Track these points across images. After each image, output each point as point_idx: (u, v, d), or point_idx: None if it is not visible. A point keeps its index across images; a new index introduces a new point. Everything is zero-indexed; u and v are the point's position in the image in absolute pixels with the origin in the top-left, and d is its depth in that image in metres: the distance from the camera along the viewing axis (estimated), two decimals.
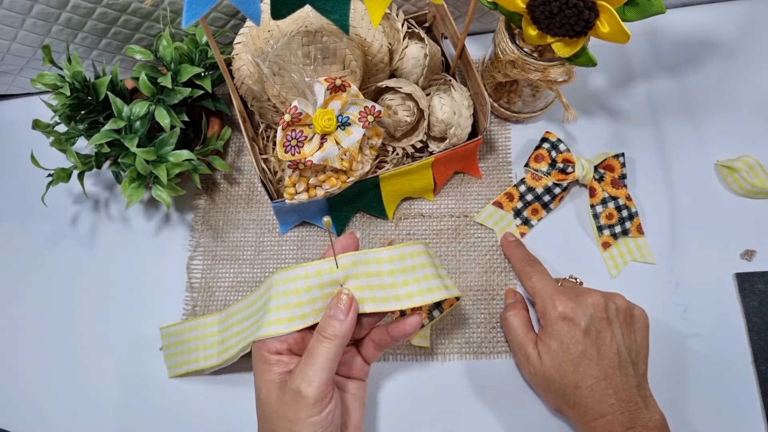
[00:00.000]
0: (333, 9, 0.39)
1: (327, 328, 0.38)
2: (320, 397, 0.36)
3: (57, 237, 0.60)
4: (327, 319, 0.38)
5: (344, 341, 0.38)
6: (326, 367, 0.37)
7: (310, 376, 0.36)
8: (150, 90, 0.51)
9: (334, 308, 0.38)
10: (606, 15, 0.43)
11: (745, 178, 0.56)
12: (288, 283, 0.40)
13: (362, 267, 0.41)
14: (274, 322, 0.39)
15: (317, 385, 0.36)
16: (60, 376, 0.55)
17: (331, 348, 0.37)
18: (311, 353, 0.37)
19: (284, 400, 0.37)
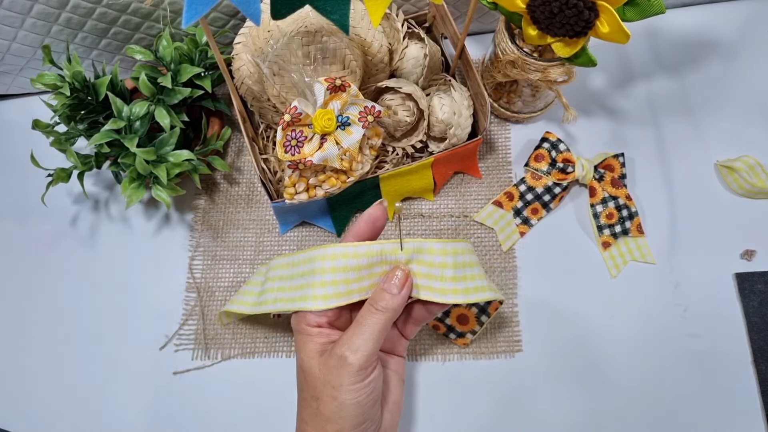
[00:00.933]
0: (333, 9, 0.39)
1: (379, 301, 0.39)
2: (365, 365, 0.37)
3: (57, 237, 0.60)
4: (380, 292, 0.39)
5: (394, 315, 0.39)
6: (373, 338, 0.37)
7: (357, 344, 0.37)
8: (150, 90, 0.51)
9: (388, 282, 0.39)
10: (606, 15, 0.43)
11: (745, 178, 0.56)
12: (337, 259, 0.40)
13: (425, 255, 0.41)
14: (320, 297, 0.40)
15: (363, 353, 0.37)
16: (60, 376, 0.55)
17: (381, 319, 0.38)
18: (360, 323, 0.38)
19: (328, 366, 0.37)
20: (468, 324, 0.53)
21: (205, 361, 0.55)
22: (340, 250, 0.40)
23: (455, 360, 0.54)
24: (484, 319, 0.53)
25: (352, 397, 0.37)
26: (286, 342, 0.55)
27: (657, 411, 0.51)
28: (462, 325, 0.53)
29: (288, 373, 0.54)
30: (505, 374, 0.53)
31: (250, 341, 0.55)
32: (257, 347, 0.55)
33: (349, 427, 0.37)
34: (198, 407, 0.53)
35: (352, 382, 0.37)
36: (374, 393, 0.38)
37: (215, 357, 0.55)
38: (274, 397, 0.53)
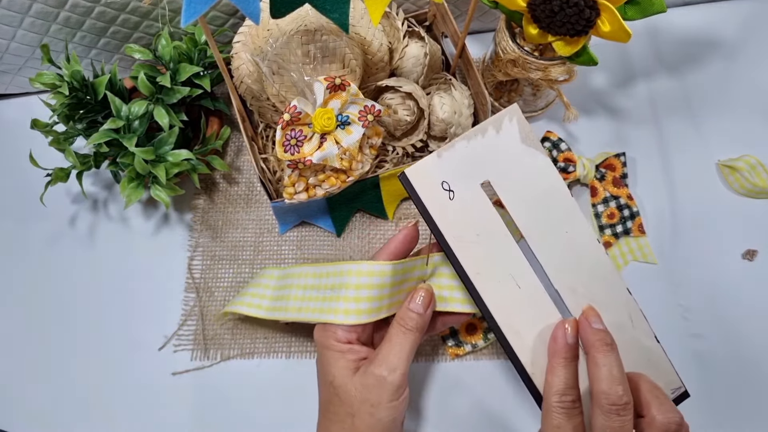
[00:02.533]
0: (332, 8, 0.38)
1: (408, 321, 0.40)
2: (402, 384, 0.38)
3: (55, 237, 0.59)
4: (407, 312, 0.40)
5: (423, 333, 0.40)
6: (407, 357, 0.39)
7: (395, 363, 0.38)
8: (149, 89, 0.51)
9: (414, 302, 0.40)
10: (607, 14, 0.43)
11: (747, 178, 0.56)
12: (374, 276, 0.41)
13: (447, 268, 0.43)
14: (354, 312, 0.41)
15: (399, 372, 0.38)
16: (59, 377, 0.55)
17: (411, 339, 0.39)
18: (394, 343, 0.39)
19: (366, 384, 0.39)
20: (474, 335, 0.53)
21: (204, 362, 0.54)
22: (378, 268, 0.41)
23: (455, 360, 0.53)
24: (492, 336, 0.52)
25: (389, 414, 0.38)
26: (286, 343, 0.55)
27: None
28: (467, 335, 0.53)
29: (287, 373, 0.54)
30: (506, 374, 0.53)
31: (250, 342, 0.55)
32: (257, 348, 0.55)
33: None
34: (197, 408, 0.53)
35: (390, 399, 0.38)
36: (404, 410, 0.40)
37: (214, 357, 0.54)
38: (274, 397, 0.53)
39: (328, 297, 0.43)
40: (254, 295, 0.51)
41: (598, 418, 0.34)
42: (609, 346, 0.36)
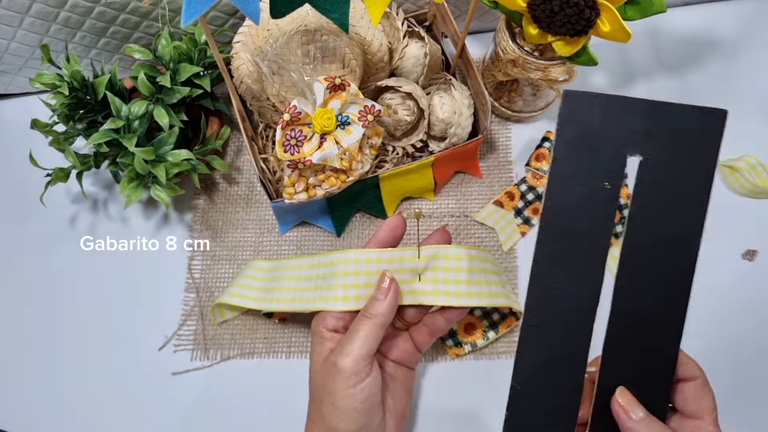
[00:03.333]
0: (332, 8, 0.38)
1: (368, 307, 0.40)
2: (355, 370, 0.37)
3: (55, 237, 0.59)
4: (370, 299, 0.40)
5: (383, 320, 0.39)
6: (363, 343, 0.38)
7: (348, 349, 0.38)
8: (149, 89, 0.51)
9: (377, 290, 0.40)
10: (607, 14, 0.43)
11: (747, 178, 0.56)
12: (359, 263, 0.42)
13: (441, 261, 0.42)
14: (341, 299, 0.41)
15: (352, 358, 0.37)
16: (59, 377, 0.55)
17: (369, 325, 0.38)
18: (352, 329, 0.39)
19: (324, 371, 0.39)
20: (473, 335, 0.53)
21: (204, 362, 0.54)
22: (362, 255, 0.42)
23: (455, 360, 0.53)
24: (491, 335, 0.53)
25: (346, 403, 0.37)
26: (286, 342, 0.55)
27: None
28: (466, 335, 0.53)
29: (287, 373, 0.54)
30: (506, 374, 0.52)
31: (250, 342, 0.55)
32: (256, 348, 0.55)
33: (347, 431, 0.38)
34: (197, 408, 0.53)
35: (343, 387, 0.37)
36: (369, 400, 0.38)
37: (214, 357, 0.54)
38: (274, 397, 0.53)
39: (319, 286, 0.43)
40: (242, 286, 0.51)
41: None
42: None
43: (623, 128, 0.31)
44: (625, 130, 0.31)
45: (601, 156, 0.32)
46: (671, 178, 0.32)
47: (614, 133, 0.31)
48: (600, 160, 0.32)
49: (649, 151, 0.32)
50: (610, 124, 0.31)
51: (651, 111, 0.31)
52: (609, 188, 0.32)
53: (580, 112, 0.31)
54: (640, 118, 0.31)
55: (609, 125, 0.31)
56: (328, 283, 0.42)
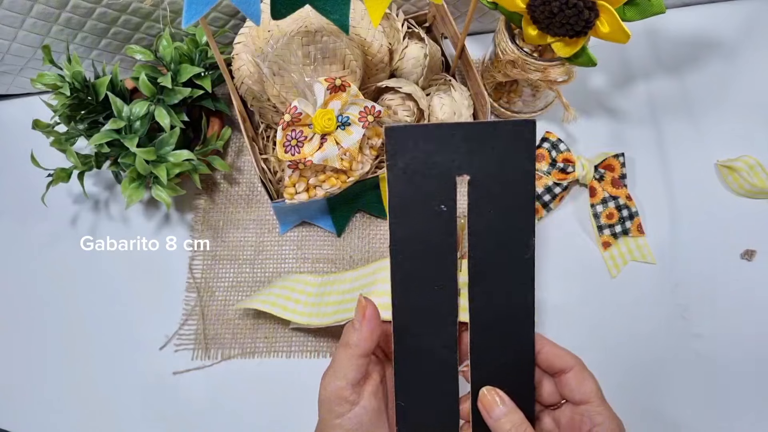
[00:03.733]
0: (333, 9, 0.39)
1: (345, 335, 0.37)
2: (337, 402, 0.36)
3: (57, 237, 0.60)
4: (347, 327, 0.37)
5: (360, 351, 0.36)
6: (341, 374, 0.36)
7: (327, 381, 0.36)
8: (150, 90, 0.51)
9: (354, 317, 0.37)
10: (606, 15, 0.43)
11: (746, 178, 0.56)
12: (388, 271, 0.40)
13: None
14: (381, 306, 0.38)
15: (331, 389, 0.36)
16: (60, 377, 0.55)
17: (347, 355, 0.36)
18: (333, 358, 0.37)
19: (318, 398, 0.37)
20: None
21: (205, 361, 0.54)
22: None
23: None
24: None
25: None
26: (286, 342, 0.55)
27: (657, 411, 0.51)
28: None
29: (288, 373, 0.54)
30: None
31: (250, 341, 0.55)
32: (257, 347, 0.55)
33: None
34: (198, 407, 0.53)
35: (329, 417, 0.36)
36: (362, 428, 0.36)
37: (215, 357, 0.55)
38: (274, 397, 0.53)
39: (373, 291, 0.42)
40: (287, 298, 0.50)
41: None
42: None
43: (447, 153, 0.34)
44: (449, 154, 0.34)
45: (432, 182, 0.34)
46: (497, 189, 0.35)
47: (440, 159, 0.34)
48: (432, 186, 0.34)
49: (473, 170, 0.34)
50: (434, 151, 0.34)
51: (469, 133, 0.34)
52: (445, 210, 0.35)
53: (404, 145, 0.34)
54: (461, 141, 0.34)
55: (434, 153, 0.34)
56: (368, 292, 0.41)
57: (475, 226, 0.35)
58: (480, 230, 0.35)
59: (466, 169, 0.34)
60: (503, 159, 0.34)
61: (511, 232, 0.35)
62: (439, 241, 0.35)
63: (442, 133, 0.34)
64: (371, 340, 0.36)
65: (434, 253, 0.35)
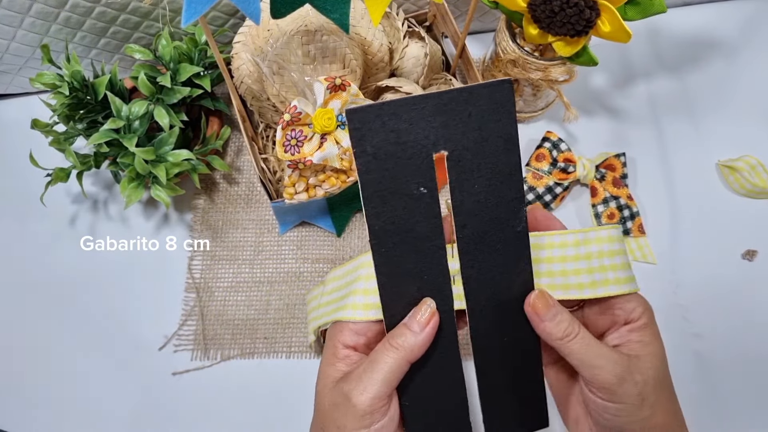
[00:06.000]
0: (333, 8, 0.38)
1: (397, 336, 0.33)
2: (371, 410, 0.32)
3: (56, 237, 0.59)
4: (401, 327, 0.34)
5: (412, 356, 0.33)
6: (386, 379, 0.32)
7: (365, 384, 0.33)
8: (149, 89, 0.51)
9: (411, 318, 0.34)
10: (607, 14, 0.43)
11: (747, 178, 0.56)
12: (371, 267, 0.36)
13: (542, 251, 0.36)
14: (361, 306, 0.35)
15: (370, 396, 0.32)
16: (59, 377, 0.55)
17: (395, 358, 0.33)
18: (373, 360, 0.33)
19: (335, 402, 0.34)
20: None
21: (205, 362, 0.54)
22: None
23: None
24: None
25: None
26: (286, 343, 0.55)
27: None
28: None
29: (287, 374, 0.54)
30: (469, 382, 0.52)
31: (250, 342, 0.55)
32: (257, 348, 0.55)
33: None
34: (197, 408, 0.53)
35: (356, 426, 0.32)
36: None
37: (214, 357, 0.54)
38: (274, 398, 0.53)
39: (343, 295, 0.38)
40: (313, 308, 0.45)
41: None
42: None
43: (420, 129, 0.31)
44: (422, 130, 0.31)
45: (407, 164, 0.31)
46: (480, 160, 0.31)
47: (413, 137, 0.31)
48: (407, 168, 0.31)
49: (451, 143, 0.31)
50: (405, 129, 0.30)
51: (440, 103, 0.30)
52: (426, 192, 0.32)
53: (370, 128, 0.30)
54: (432, 114, 0.30)
55: (405, 131, 0.30)
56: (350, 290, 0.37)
57: (460, 204, 0.32)
58: (466, 208, 0.32)
59: (443, 143, 0.31)
60: (482, 126, 0.31)
61: (500, 205, 0.32)
62: (424, 227, 0.32)
63: (410, 108, 0.30)
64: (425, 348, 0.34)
65: (420, 241, 0.32)
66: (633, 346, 0.34)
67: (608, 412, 0.33)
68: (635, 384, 0.32)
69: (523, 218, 0.33)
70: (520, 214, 0.33)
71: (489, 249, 0.33)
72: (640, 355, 0.34)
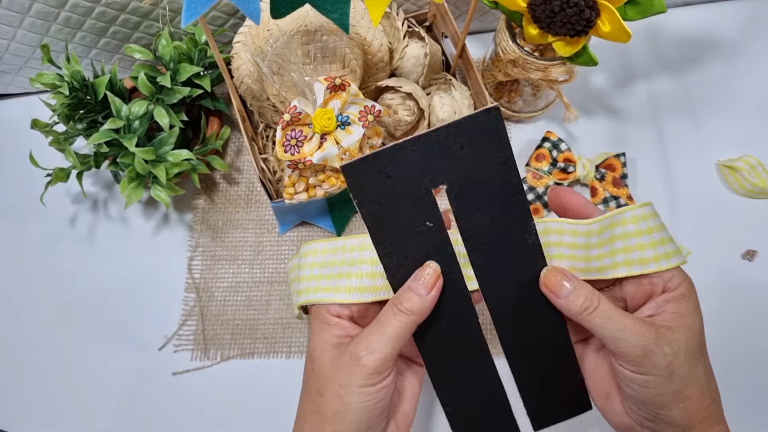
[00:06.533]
0: (333, 8, 0.38)
1: (404, 301, 0.34)
2: (379, 370, 0.34)
3: (55, 237, 0.59)
4: (406, 291, 0.34)
5: (419, 319, 0.34)
6: (394, 341, 0.34)
7: (375, 345, 0.34)
8: (149, 89, 0.51)
9: (416, 281, 0.34)
10: (607, 14, 0.43)
11: (747, 178, 0.56)
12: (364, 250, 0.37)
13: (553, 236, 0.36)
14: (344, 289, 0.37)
15: (380, 356, 0.33)
16: (59, 377, 0.55)
17: (404, 323, 0.34)
18: (381, 322, 0.34)
19: (340, 363, 0.35)
20: None
21: (205, 362, 0.54)
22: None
23: None
24: None
25: (359, 399, 0.34)
26: (286, 343, 0.55)
27: None
28: None
29: (287, 373, 0.54)
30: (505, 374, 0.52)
31: (250, 342, 0.55)
32: (257, 348, 0.55)
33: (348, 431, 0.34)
34: (197, 408, 0.53)
35: (362, 384, 0.34)
36: (383, 401, 0.35)
37: (214, 357, 0.54)
38: (274, 398, 0.53)
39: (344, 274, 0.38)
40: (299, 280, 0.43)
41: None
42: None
43: (415, 170, 0.32)
44: (417, 171, 0.32)
45: (409, 204, 0.32)
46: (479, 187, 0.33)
47: (410, 178, 0.32)
48: (409, 208, 0.32)
49: (449, 177, 0.32)
50: (401, 173, 0.32)
51: (429, 143, 0.32)
52: (432, 225, 0.33)
53: (367, 178, 0.32)
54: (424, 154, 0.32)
55: (401, 175, 0.32)
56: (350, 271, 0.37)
57: (467, 231, 0.33)
58: (475, 232, 0.33)
59: (440, 178, 0.32)
60: (476, 155, 0.32)
61: (508, 224, 0.33)
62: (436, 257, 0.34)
63: (402, 153, 0.31)
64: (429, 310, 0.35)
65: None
66: (667, 317, 0.34)
67: (636, 383, 0.33)
68: (664, 356, 0.32)
69: (533, 231, 0.34)
70: (529, 228, 0.34)
71: (503, 265, 0.34)
72: (672, 326, 0.33)
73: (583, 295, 0.33)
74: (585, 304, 0.33)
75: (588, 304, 0.33)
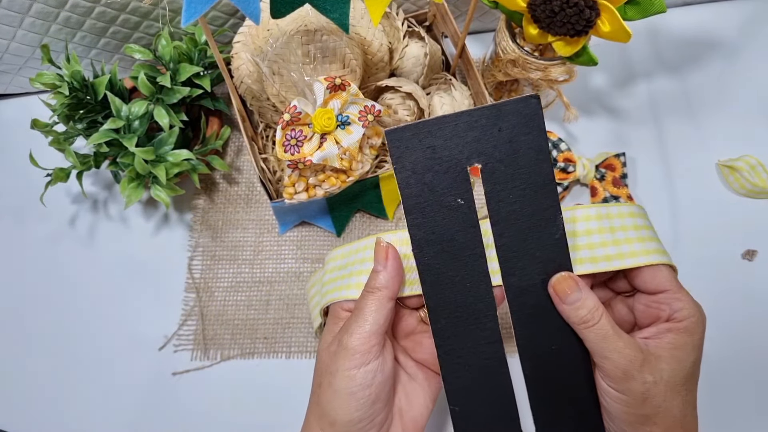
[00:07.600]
0: (333, 8, 0.38)
1: (371, 281, 0.36)
2: (360, 350, 0.34)
3: (55, 237, 0.59)
4: (371, 273, 0.36)
5: (390, 293, 0.35)
6: (368, 320, 0.35)
7: (353, 327, 0.35)
8: (149, 89, 0.51)
9: (375, 261, 0.36)
10: (607, 14, 0.43)
11: (747, 178, 0.56)
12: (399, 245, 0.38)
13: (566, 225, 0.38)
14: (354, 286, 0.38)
15: (357, 336, 0.35)
16: (59, 377, 0.55)
17: (372, 300, 0.35)
18: (356, 307, 0.36)
19: (330, 351, 0.36)
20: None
21: (205, 362, 0.54)
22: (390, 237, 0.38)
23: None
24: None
25: (344, 385, 0.34)
26: (286, 343, 0.55)
27: None
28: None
29: (287, 373, 0.54)
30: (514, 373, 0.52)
31: (250, 342, 0.55)
32: (257, 348, 0.55)
33: (342, 422, 0.35)
34: (197, 408, 0.53)
35: (347, 367, 0.34)
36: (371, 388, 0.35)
37: (214, 357, 0.54)
38: (274, 398, 0.53)
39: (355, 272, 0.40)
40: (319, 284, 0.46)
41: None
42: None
43: (454, 145, 0.33)
44: (455, 146, 0.33)
45: (444, 177, 0.33)
46: (513, 172, 0.33)
47: (447, 152, 0.33)
48: (444, 181, 0.33)
49: (484, 157, 0.33)
50: (440, 145, 0.33)
51: (471, 120, 0.33)
52: (463, 203, 0.33)
53: (407, 146, 0.33)
54: (465, 130, 0.33)
55: (440, 147, 0.33)
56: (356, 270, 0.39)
57: (496, 213, 0.34)
58: (503, 217, 0.34)
59: (476, 157, 0.33)
60: (513, 140, 0.33)
61: (536, 214, 0.33)
62: (462, 236, 0.34)
63: (444, 126, 0.32)
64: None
65: (459, 250, 0.34)
66: (662, 345, 0.34)
67: (610, 396, 0.34)
68: (643, 383, 0.32)
69: (561, 225, 0.34)
70: (557, 222, 0.34)
71: (528, 256, 0.34)
72: (662, 356, 0.34)
73: (587, 307, 0.33)
74: (586, 317, 0.33)
75: (589, 317, 0.33)
